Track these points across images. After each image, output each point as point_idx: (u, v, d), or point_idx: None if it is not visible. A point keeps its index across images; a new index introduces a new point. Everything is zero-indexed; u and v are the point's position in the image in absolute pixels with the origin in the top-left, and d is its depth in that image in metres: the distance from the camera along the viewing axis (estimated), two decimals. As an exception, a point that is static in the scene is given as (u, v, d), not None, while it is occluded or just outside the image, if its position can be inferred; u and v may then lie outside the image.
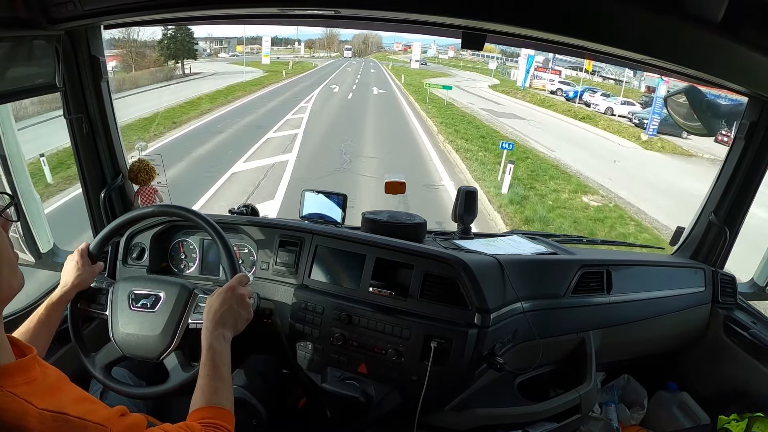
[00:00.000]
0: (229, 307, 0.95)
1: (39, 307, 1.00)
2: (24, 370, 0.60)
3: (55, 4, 1.03)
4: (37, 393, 0.57)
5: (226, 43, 50.29)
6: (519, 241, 1.57)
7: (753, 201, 1.53)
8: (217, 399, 0.84)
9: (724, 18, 0.79)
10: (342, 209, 1.50)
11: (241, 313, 0.96)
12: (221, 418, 0.81)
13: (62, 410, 0.57)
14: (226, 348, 0.92)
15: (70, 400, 0.59)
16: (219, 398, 0.84)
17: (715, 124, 1.41)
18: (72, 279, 1.05)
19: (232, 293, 0.96)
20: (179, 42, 25.83)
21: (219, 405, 0.83)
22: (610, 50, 1.10)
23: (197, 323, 1.02)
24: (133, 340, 1.04)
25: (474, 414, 1.20)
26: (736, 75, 1.08)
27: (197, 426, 0.77)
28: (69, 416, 0.57)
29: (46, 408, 0.55)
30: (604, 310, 1.42)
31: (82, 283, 1.06)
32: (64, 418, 0.56)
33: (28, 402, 0.55)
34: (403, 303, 1.19)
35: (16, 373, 0.58)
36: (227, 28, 62.26)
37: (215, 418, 0.81)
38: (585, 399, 1.27)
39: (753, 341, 1.44)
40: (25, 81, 1.12)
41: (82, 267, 1.07)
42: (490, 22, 0.95)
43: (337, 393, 1.16)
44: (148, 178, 1.55)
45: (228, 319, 0.94)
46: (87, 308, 1.09)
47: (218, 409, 0.83)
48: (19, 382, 0.57)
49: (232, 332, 0.95)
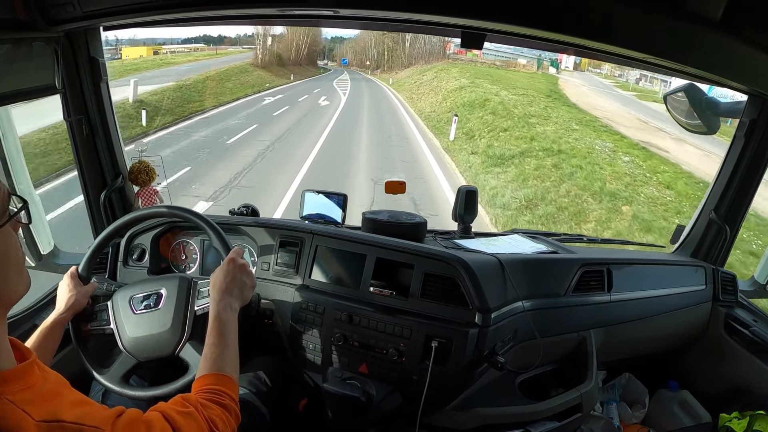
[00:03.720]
0: (232, 277, 0.97)
1: (34, 333, 0.99)
2: (24, 376, 0.59)
3: (54, 6, 1.03)
4: (35, 400, 0.56)
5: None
6: (519, 240, 1.57)
7: (753, 199, 1.53)
8: (220, 365, 0.84)
9: (723, 16, 0.79)
10: (342, 209, 1.50)
11: (246, 282, 0.99)
12: (222, 384, 0.81)
13: (58, 417, 0.56)
14: (233, 317, 0.93)
15: (67, 405, 0.59)
16: (221, 365, 0.84)
17: (714, 122, 1.40)
18: (65, 302, 1.05)
19: (233, 264, 0.98)
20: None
21: (221, 372, 0.83)
22: (610, 49, 1.10)
23: (204, 308, 1.04)
24: (144, 343, 1.03)
25: (475, 413, 1.20)
26: (735, 73, 1.07)
27: (193, 396, 0.77)
28: (65, 423, 0.56)
29: (44, 419, 0.55)
30: (605, 308, 1.42)
31: (77, 303, 1.06)
32: (60, 425, 0.56)
33: (26, 412, 0.54)
34: (403, 303, 1.19)
35: (15, 380, 0.58)
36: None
37: (216, 384, 0.81)
38: (586, 398, 1.27)
39: (754, 339, 1.44)
40: (24, 83, 1.11)
41: (74, 289, 1.07)
42: (490, 21, 0.95)
43: (338, 393, 1.16)
44: (149, 179, 1.55)
45: (233, 289, 0.96)
46: (90, 328, 1.09)
47: (220, 376, 0.83)
48: (17, 389, 0.57)
49: (239, 302, 0.96)
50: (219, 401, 0.79)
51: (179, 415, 0.70)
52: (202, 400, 0.77)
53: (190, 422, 0.70)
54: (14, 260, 0.63)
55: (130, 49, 24.31)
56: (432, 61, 33.20)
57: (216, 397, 0.79)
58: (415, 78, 29.48)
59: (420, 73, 30.60)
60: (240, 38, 38.11)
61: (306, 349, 1.25)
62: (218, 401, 0.78)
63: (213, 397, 0.79)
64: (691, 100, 1.37)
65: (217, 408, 0.77)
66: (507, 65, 32.65)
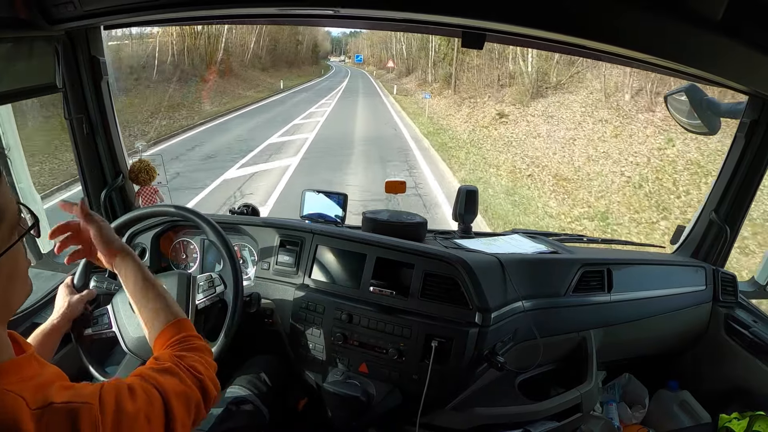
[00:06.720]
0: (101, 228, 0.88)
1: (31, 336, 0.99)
2: (21, 368, 0.60)
3: (55, 4, 1.03)
4: (31, 391, 0.57)
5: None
6: (520, 240, 1.57)
7: (754, 200, 1.53)
8: (169, 314, 0.81)
9: (724, 17, 0.79)
10: (342, 209, 1.50)
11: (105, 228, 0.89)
12: (182, 329, 0.79)
13: (49, 401, 0.57)
14: (135, 262, 0.87)
15: (57, 389, 0.59)
16: (169, 312, 0.81)
17: (715, 123, 1.40)
18: (61, 309, 1.05)
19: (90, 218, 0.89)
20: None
21: (175, 318, 0.80)
22: (610, 49, 1.10)
23: (204, 302, 1.07)
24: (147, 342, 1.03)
25: (475, 413, 1.20)
26: (736, 74, 1.07)
27: (164, 353, 0.75)
28: (55, 404, 0.57)
29: (38, 406, 0.55)
30: (605, 309, 1.42)
31: (72, 310, 1.06)
32: (51, 408, 0.56)
33: (24, 399, 0.55)
34: (403, 302, 1.19)
35: (13, 371, 0.58)
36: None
37: (177, 332, 0.78)
38: (586, 398, 1.27)
39: (754, 340, 1.44)
40: (25, 81, 1.12)
41: (69, 295, 1.07)
42: (490, 21, 0.95)
43: (338, 393, 1.16)
44: (149, 178, 1.56)
45: (111, 237, 0.89)
46: (91, 334, 1.09)
47: (175, 323, 0.80)
48: (15, 380, 0.57)
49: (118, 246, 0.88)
50: (190, 346, 0.77)
51: (157, 373, 0.69)
52: (175, 352, 0.75)
53: (169, 378, 0.69)
54: (21, 270, 0.64)
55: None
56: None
57: (185, 344, 0.77)
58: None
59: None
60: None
61: (306, 348, 1.25)
62: (189, 347, 0.77)
63: (182, 345, 0.77)
64: (692, 101, 1.37)
65: (191, 354, 0.75)
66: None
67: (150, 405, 0.64)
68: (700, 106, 1.37)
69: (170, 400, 0.66)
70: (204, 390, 0.72)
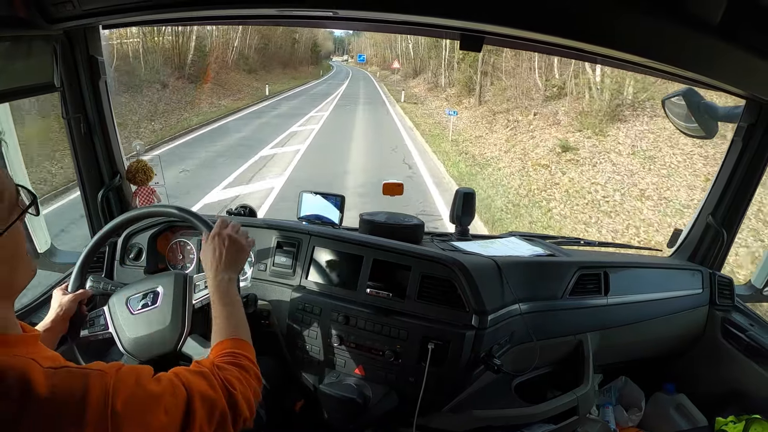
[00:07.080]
0: (220, 252, 0.97)
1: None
2: (29, 343, 0.63)
3: (53, 3, 1.03)
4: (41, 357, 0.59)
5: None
6: (516, 242, 1.57)
7: (750, 203, 1.53)
8: (232, 330, 0.85)
9: (722, 20, 0.79)
10: (340, 210, 1.50)
11: (237, 252, 0.99)
12: (238, 347, 0.82)
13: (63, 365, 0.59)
14: (233, 288, 0.94)
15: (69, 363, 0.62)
16: (234, 330, 0.85)
17: (712, 127, 1.41)
18: (54, 309, 1.05)
19: (218, 238, 0.99)
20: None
21: (235, 336, 0.84)
22: (608, 52, 1.10)
23: (202, 301, 1.04)
24: (146, 342, 1.03)
25: (471, 415, 1.20)
26: (733, 78, 1.08)
27: (207, 359, 0.77)
28: (71, 368, 0.59)
29: (50, 366, 0.57)
30: (602, 312, 1.42)
31: (66, 309, 1.05)
32: (67, 369, 0.58)
33: (35, 360, 0.57)
34: (400, 304, 1.19)
35: (22, 343, 0.61)
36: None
37: (231, 347, 0.81)
38: (582, 401, 1.27)
39: (750, 343, 1.44)
40: (23, 80, 1.11)
41: (62, 297, 1.07)
42: (489, 24, 0.95)
43: (335, 395, 1.16)
44: (146, 178, 1.55)
45: (225, 262, 0.96)
46: (88, 335, 1.08)
47: (234, 340, 0.83)
48: (23, 351, 0.59)
49: (234, 271, 0.97)
50: (235, 362, 0.78)
51: (190, 373, 0.70)
52: (218, 362, 0.76)
53: (200, 380, 0.70)
54: (23, 252, 0.65)
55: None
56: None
57: (232, 358, 0.79)
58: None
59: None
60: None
61: (303, 350, 1.25)
62: (234, 362, 0.78)
63: (229, 359, 0.78)
64: (689, 105, 1.37)
65: (233, 369, 0.76)
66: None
67: (173, 396, 0.65)
68: (698, 109, 1.37)
69: (194, 399, 0.67)
70: (234, 405, 0.72)
